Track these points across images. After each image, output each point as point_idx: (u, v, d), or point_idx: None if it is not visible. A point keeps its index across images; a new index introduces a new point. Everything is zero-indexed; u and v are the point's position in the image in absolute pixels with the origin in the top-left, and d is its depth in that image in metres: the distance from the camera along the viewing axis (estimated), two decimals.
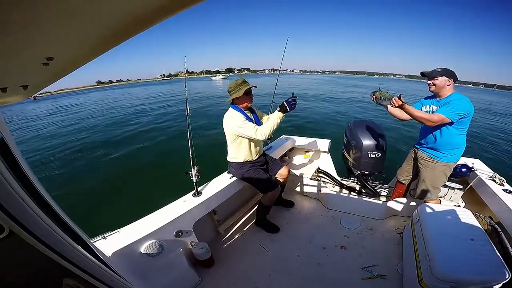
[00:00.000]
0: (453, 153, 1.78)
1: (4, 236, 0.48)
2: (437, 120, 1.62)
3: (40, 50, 0.46)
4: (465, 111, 1.61)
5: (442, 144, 1.76)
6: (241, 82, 1.81)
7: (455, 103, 1.61)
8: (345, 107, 13.07)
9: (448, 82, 1.65)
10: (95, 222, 3.37)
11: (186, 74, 2.43)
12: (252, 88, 1.81)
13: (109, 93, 48.88)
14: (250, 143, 1.92)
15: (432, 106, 1.78)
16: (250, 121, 1.85)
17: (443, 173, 1.86)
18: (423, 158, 1.93)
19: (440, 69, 1.67)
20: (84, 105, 23.05)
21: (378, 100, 1.79)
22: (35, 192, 0.68)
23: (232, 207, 2.40)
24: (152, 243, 1.47)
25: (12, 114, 20.49)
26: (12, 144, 0.71)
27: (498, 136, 8.43)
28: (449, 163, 1.81)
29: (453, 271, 1.22)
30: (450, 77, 1.65)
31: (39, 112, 21.19)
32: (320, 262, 1.82)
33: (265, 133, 1.74)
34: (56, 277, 0.65)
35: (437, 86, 1.68)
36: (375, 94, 1.82)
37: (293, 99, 1.74)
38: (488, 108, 18.31)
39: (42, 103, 36.80)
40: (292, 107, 1.73)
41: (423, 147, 1.93)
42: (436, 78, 1.66)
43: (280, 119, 1.78)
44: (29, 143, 8.98)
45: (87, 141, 8.42)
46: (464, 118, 1.63)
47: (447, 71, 1.65)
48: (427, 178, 1.92)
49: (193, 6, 0.37)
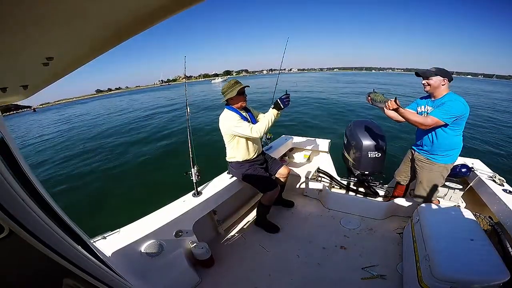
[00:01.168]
0: (450, 154, 1.77)
1: (4, 236, 0.48)
2: (431, 124, 1.61)
3: (40, 50, 0.46)
4: (459, 113, 1.59)
5: (438, 145, 1.75)
6: (234, 82, 1.84)
7: (449, 104, 1.59)
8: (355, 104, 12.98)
9: (443, 82, 1.64)
10: (95, 222, 3.38)
11: (185, 77, 2.42)
12: (245, 87, 1.84)
13: (113, 100, 48.96)
14: (247, 142, 1.93)
15: (427, 106, 1.77)
16: (245, 120, 1.87)
17: (440, 175, 1.85)
18: (420, 159, 1.92)
19: (435, 68, 1.66)
20: (93, 114, 22.96)
21: (373, 102, 1.79)
22: (35, 192, 0.68)
23: (232, 207, 2.40)
24: (152, 243, 1.47)
25: (21, 126, 20.51)
26: (12, 144, 0.71)
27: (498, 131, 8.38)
28: (446, 164, 1.81)
29: (453, 271, 1.22)
30: (445, 76, 1.63)
31: (48, 122, 21.27)
32: (320, 262, 1.82)
33: (260, 130, 1.77)
34: (56, 277, 0.65)
35: (432, 86, 1.66)
36: (370, 95, 1.82)
37: (286, 96, 1.78)
38: (492, 101, 18.04)
39: (43, 115, 36.57)
40: (285, 104, 1.77)
41: (420, 148, 1.92)
42: (430, 78, 1.65)
43: (275, 116, 1.81)
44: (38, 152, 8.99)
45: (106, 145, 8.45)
46: (459, 119, 1.62)
47: (442, 71, 1.63)
48: (424, 180, 1.91)
49: (193, 6, 0.37)
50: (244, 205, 2.53)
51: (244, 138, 1.89)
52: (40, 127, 17.79)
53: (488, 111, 12.56)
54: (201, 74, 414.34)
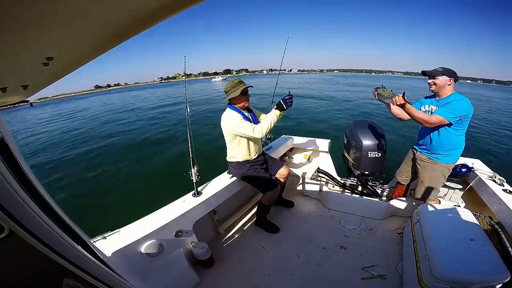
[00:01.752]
0: (452, 154, 1.77)
1: (4, 236, 0.48)
2: (436, 122, 1.61)
3: (40, 50, 0.46)
4: (464, 113, 1.60)
5: (441, 145, 1.75)
6: (237, 82, 1.83)
7: (454, 104, 1.60)
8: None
9: (449, 82, 1.64)
10: (95, 222, 3.37)
11: (185, 75, 2.42)
12: (248, 88, 1.84)
13: (112, 96, 48.67)
14: (248, 142, 1.93)
15: (431, 106, 1.78)
16: (247, 120, 1.87)
17: (442, 174, 1.85)
18: (422, 159, 1.92)
19: (442, 68, 1.66)
20: (92, 110, 22.82)
21: (380, 97, 1.78)
22: (35, 192, 0.68)
23: (232, 207, 2.40)
24: (152, 243, 1.47)
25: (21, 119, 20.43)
26: (12, 144, 0.71)
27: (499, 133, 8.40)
28: (447, 164, 1.81)
29: (453, 271, 1.22)
30: (451, 76, 1.63)
31: (45, 117, 21.14)
32: (320, 262, 1.82)
33: (262, 131, 1.76)
34: (56, 277, 0.65)
35: (438, 86, 1.67)
36: (377, 90, 1.81)
37: (290, 97, 1.76)
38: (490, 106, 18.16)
39: (40, 109, 36.21)
40: (288, 105, 1.76)
41: (422, 148, 1.92)
42: (437, 78, 1.65)
43: (277, 117, 1.79)
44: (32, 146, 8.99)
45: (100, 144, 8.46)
46: (463, 119, 1.62)
47: (448, 71, 1.64)
48: (426, 179, 1.91)
49: (193, 6, 0.37)
50: (244, 205, 2.53)
51: (245, 138, 1.88)
52: (37, 123, 17.58)
53: (489, 114, 12.61)
54: (200, 72, 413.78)
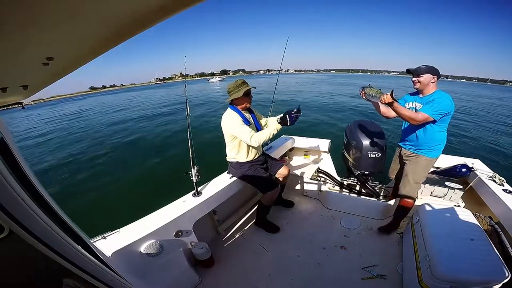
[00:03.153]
0: (435, 149, 1.83)
1: (4, 236, 0.48)
2: (422, 119, 1.67)
3: (40, 50, 0.46)
4: (447, 110, 1.66)
5: (425, 140, 1.81)
6: (241, 83, 1.82)
7: (438, 101, 1.66)
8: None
9: (433, 80, 1.70)
10: (95, 222, 3.37)
11: (185, 76, 2.43)
12: (251, 89, 1.83)
13: (109, 97, 48.46)
14: None
15: (415, 103, 1.82)
16: (247, 122, 1.86)
17: (425, 168, 1.90)
18: (407, 154, 1.98)
19: (425, 66, 1.71)
20: (89, 112, 22.75)
21: (367, 97, 1.79)
22: (35, 192, 0.68)
23: (232, 207, 2.39)
24: (152, 243, 1.47)
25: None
26: (12, 144, 0.71)
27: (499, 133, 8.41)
28: (431, 158, 1.86)
29: (453, 271, 1.22)
30: (434, 74, 1.69)
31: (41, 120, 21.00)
32: (320, 262, 1.82)
33: (259, 141, 1.76)
34: (56, 277, 0.65)
35: (422, 83, 1.72)
36: (365, 90, 1.80)
37: (297, 112, 1.69)
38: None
39: (34, 111, 35.70)
40: (292, 123, 1.70)
41: (407, 144, 1.98)
42: (421, 75, 1.70)
43: (278, 130, 1.79)
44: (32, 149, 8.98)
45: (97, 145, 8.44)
46: (446, 116, 1.69)
47: (432, 69, 1.69)
48: (409, 173, 1.95)
49: (193, 6, 0.37)
50: (244, 205, 2.53)
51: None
52: (31, 126, 17.44)
53: (486, 112, 12.62)
54: (197, 73, 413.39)
